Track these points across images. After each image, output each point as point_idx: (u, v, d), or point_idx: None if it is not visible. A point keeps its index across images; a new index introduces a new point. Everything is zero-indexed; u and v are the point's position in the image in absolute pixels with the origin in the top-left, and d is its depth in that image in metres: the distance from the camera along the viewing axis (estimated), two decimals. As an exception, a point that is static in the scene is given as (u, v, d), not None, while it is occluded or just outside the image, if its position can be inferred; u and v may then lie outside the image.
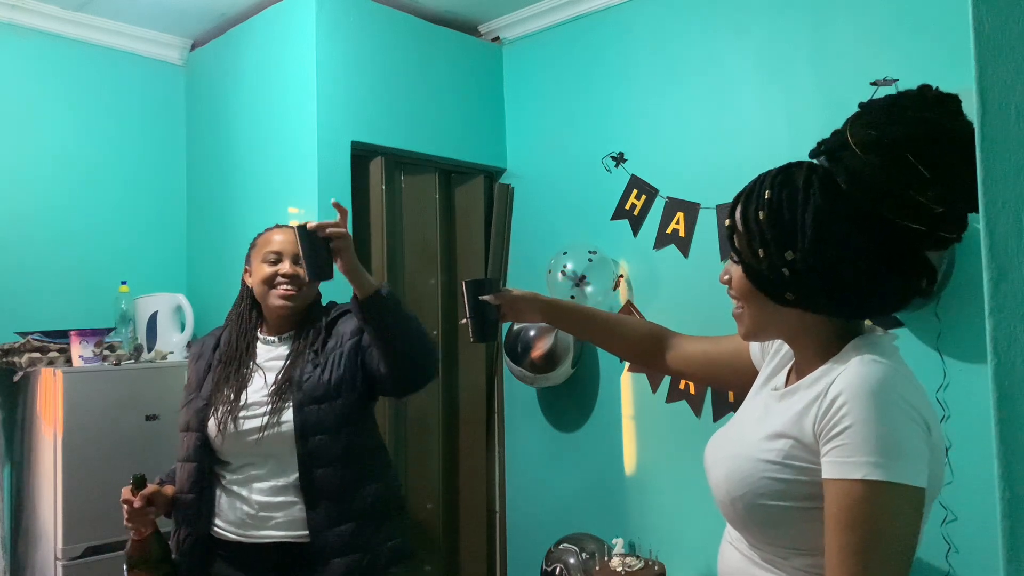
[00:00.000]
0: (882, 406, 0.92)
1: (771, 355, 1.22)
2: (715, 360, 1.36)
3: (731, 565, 1.11)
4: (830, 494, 0.93)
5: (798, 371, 1.10)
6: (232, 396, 1.74)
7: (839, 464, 0.92)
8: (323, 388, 1.72)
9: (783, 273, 0.99)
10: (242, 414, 1.71)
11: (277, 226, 1.92)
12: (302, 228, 1.62)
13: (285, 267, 1.80)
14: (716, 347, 1.37)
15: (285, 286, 1.79)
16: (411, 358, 1.70)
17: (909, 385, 0.96)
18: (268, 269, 1.81)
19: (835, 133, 1.03)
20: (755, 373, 1.26)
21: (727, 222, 1.08)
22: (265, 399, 1.72)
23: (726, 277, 1.11)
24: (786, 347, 1.18)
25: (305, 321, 1.83)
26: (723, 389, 1.55)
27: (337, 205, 1.66)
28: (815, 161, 1.05)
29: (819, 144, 1.06)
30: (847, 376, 0.95)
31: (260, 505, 1.70)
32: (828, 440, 0.94)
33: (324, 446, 1.69)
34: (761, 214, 1.01)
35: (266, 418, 1.69)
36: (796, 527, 0.99)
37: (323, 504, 1.68)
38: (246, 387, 1.75)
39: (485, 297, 1.47)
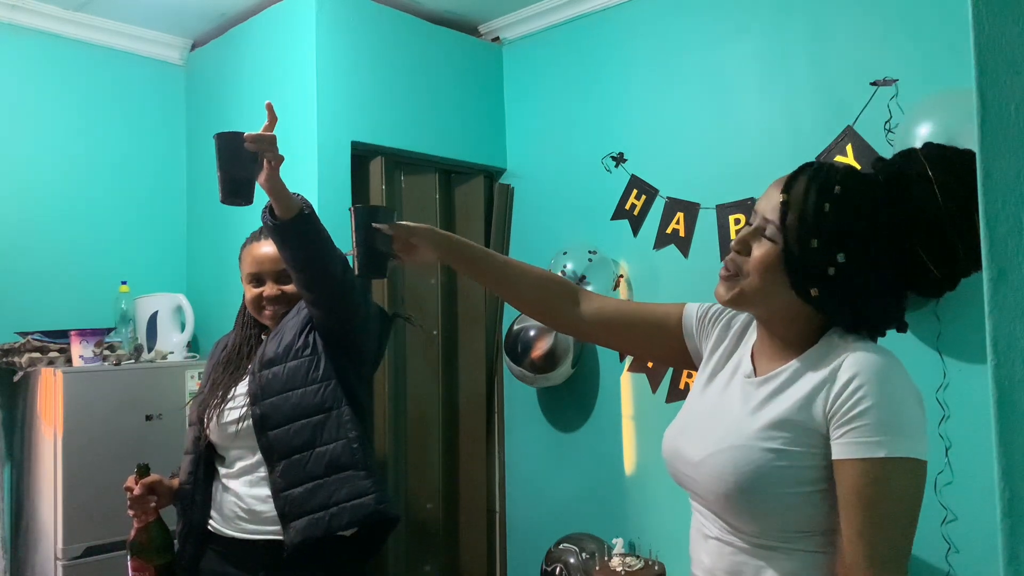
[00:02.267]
0: (893, 387, 0.98)
1: (713, 339, 1.22)
2: (637, 323, 1.30)
3: (721, 560, 1.09)
4: (852, 473, 0.96)
5: (768, 357, 1.11)
6: (222, 393, 1.78)
7: (861, 444, 0.96)
8: (272, 353, 1.73)
9: (826, 270, 1.01)
10: (227, 407, 1.74)
11: (259, 239, 1.84)
12: (222, 137, 1.39)
13: (269, 291, 1.80)
14: (641, 311, 1.33)
15: (271, 308, 1.79)
16: (333, 274, 1.64)
17: (902, 367, 1.02)
18: (253, 291, 1.82)
19: (911, 159, 1.05)
20: (681, 346, 1.26)
21: (782, 197, 1.04)
22: (246, 391, 1.74)
23: (738, 246, 1.08)
24: (733, 330, 1.20)
25: None
26: (632, 354, 1.41)
27: (269, 107, 1.47)
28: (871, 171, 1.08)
29: (882, 162, 1.08)
30: (855, 363, 0.99)
31: (248, 498, 1.71)
32: (844, 423, 0.98)
33: (273, 408, 1.70)
34: (827, 206, 1.00)
35: (244, 409, 1.71)
36: (804, 511, 1.01)
37: (280, 465, 1.68)
38: (236, 384, 1.78)
39: (377, 225, 1.29)
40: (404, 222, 1.32)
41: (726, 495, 1.04)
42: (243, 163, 1.38)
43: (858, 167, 1.07)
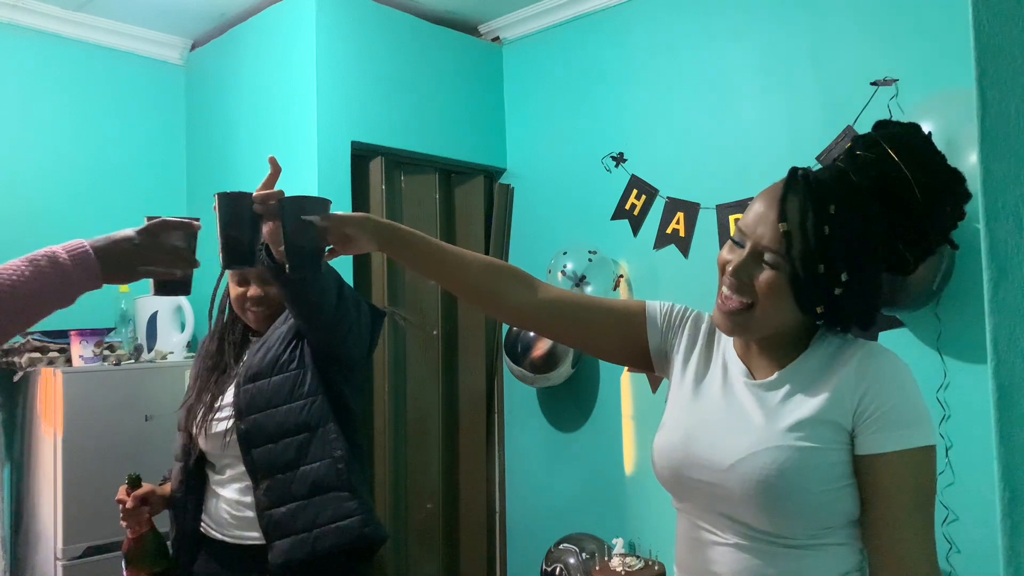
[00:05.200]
0: (910, 381, 1.04)
1: (685, 340, 1.21)
2: (595, 315, 1.25)
3: (741, 566, 1.07)
4: (891, 465, 1.00)
5: (758, 358, 1.12)
6: (209, 400, 1.74)
7: (896, 437, 1.00)
8: (257, 367, 1.70)
9: (833, 291, 1.02)
10: (217, 416, 1.72)
11: None
12: (225, 197, 1.24)
13: (254, 291, 1.76)
14: (600, 303, 1.29)
15: (254, 310, 1.77)
16: (328, 306, 1.61)
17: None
18: (237, 289, 1.77)
19: (882, 159, 1.05)
20: (640, 342, 1.23)
21: (782, 226, 1.03)
22: (232, 402, 1.72)
23: (729, 258, 1.07)
24: (703, 330, 1.20)
25: None
26: (579, 347, 1.31)
27: (272, 161, 1.33)
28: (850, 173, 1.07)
29: (853, 159, 1.07)
30: (874, 360, 1.04)
31: (240, 505, 1.70)
32: (876, 419, 1.01)
33: (257, 425, 1.66)
34: (827, 229, 1.01)
35: (232, 421, 1.69)
36: (834, 506, 1.03)
37: (264, 484, 1.65)
38: (224, 392, 1.75)
39: (309, 218, 1.16)
40: (337, 212, 1.22)
41: (766, 496, 1.03)
42: (247, 224, 1.24)
43: (855, 150, 1.09)
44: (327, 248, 1.23)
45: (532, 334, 2.72)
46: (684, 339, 1.21)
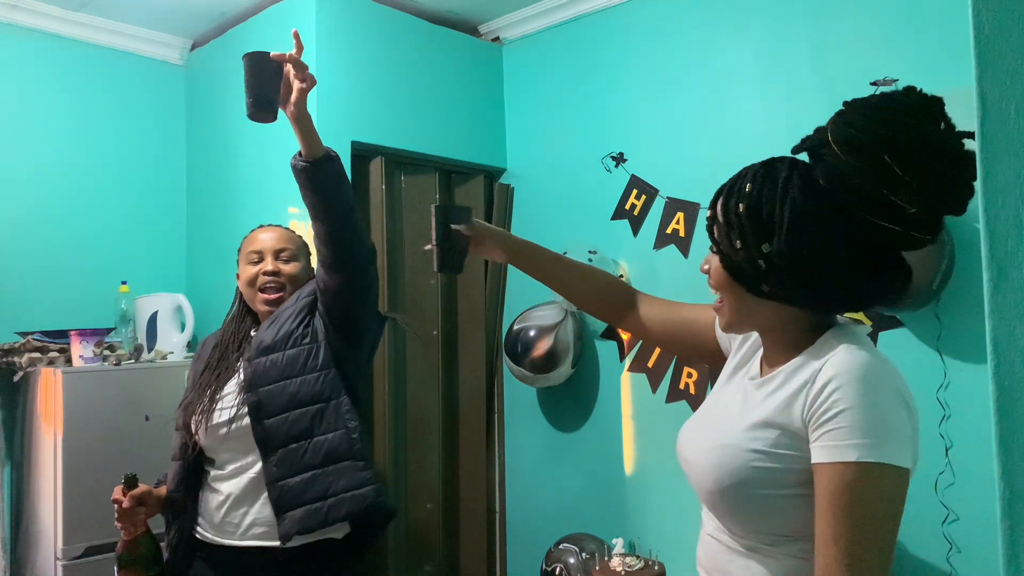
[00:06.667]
0: (872, 391, 0.95)
1: (739, 340, 1.23)
2: (675, 323, 1.38)
3: (714, 556, 1.11)
4: (824, 477, 0.95)
5: (769, 361, 1.12)
6: (210, 393, 1.75)
7: (833, 448, 0.94)
8: (270, 340, 1.71)
9: (759, 265, 1.02)
10: (217, 406, 1.72)
11: (261, 226, 1.91)
12: (250, 56, 1.50)
13: (267, 265, 1.80)
14: (678, 311, 1.39)
15: (268, 286, 1.78)
16: (351, 231, 1.66)
17: (892, 371, 0.99)
18: (251, 269, 1.81)
19: (818, 130, 1.05)
20: (715, 345, 1.31)
21: (708, 214, 1.10)
22: (235, 390, 1.72)
23: (706, 267, 1.14)
24: (755, 333, 1.20)
25: None
26: (681, 354, 1.53)
27: (295, 34, 1.56)
28: (798, 157, 1.08)
29: (803, 140, 1.08)
30: (835, 364, 0.98)
31: (238, 504, 1.69)
32: (820, 425, 0.96)
33: (270, 396, 1.67)
34: (740, 206, 1.03)
35: (234, 409, 1.69)
36: (786, 515, 1.01)
37: (276, 455, 1.66)
38: (224, 383, 1.76)
39: (457, 226, 1.40)
40: (481, 221, 1.44)
41: (710, 493, 1.07)
42: (268, 80, 1.50)
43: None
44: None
45: (532, 333, 2.73)
46: (739, 337, 1.24)
